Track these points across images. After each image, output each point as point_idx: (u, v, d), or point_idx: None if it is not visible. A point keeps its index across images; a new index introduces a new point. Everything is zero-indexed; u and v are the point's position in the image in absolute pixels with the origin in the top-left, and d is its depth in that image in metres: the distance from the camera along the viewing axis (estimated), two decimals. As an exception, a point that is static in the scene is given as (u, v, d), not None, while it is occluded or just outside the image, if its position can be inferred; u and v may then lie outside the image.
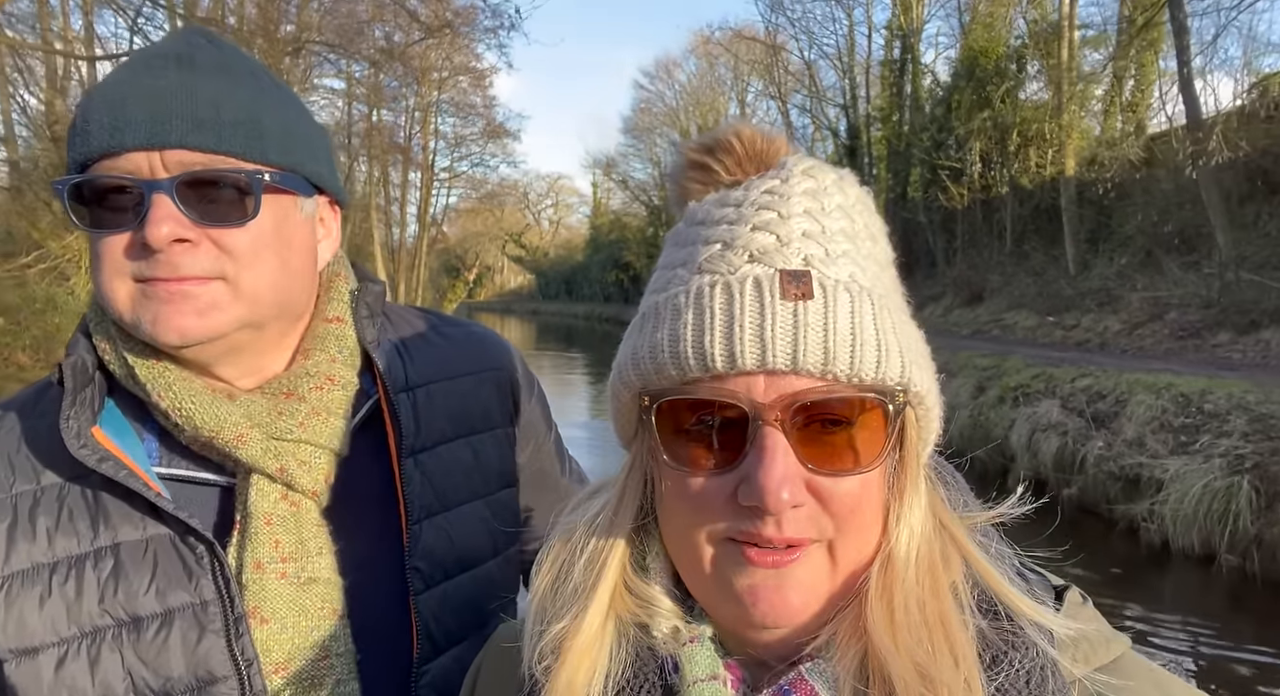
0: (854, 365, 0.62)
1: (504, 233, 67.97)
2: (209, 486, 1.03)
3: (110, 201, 0.94)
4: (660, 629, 0.70)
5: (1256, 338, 12.17)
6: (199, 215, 0.93)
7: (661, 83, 51.62)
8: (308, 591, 0.99)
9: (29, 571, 0.96)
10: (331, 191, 1.11)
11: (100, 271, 0.97)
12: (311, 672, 0.99)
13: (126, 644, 0.95)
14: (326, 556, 1.02)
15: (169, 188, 0.92)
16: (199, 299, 0.95)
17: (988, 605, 0.67)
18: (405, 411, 1.09)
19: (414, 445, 1.08)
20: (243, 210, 0.96)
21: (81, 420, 0.97)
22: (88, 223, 0.97)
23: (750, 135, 0.72)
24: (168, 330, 0.94)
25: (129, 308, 0.95)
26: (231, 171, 0.95)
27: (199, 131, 0.93)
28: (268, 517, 0.99)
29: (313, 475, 1.02)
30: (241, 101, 0.97)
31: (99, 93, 0.96)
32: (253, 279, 0.97)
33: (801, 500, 0.63)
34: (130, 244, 0.94)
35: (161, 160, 0.92)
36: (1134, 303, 15.50)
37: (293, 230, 1.03)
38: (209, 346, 0.99)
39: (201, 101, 0.94)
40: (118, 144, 0.92)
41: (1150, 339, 14.14)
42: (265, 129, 0.98)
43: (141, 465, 0.98)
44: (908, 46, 26.94)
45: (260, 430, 1.00)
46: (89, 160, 0.95)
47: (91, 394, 1.01)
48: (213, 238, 0.95)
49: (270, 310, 1.01)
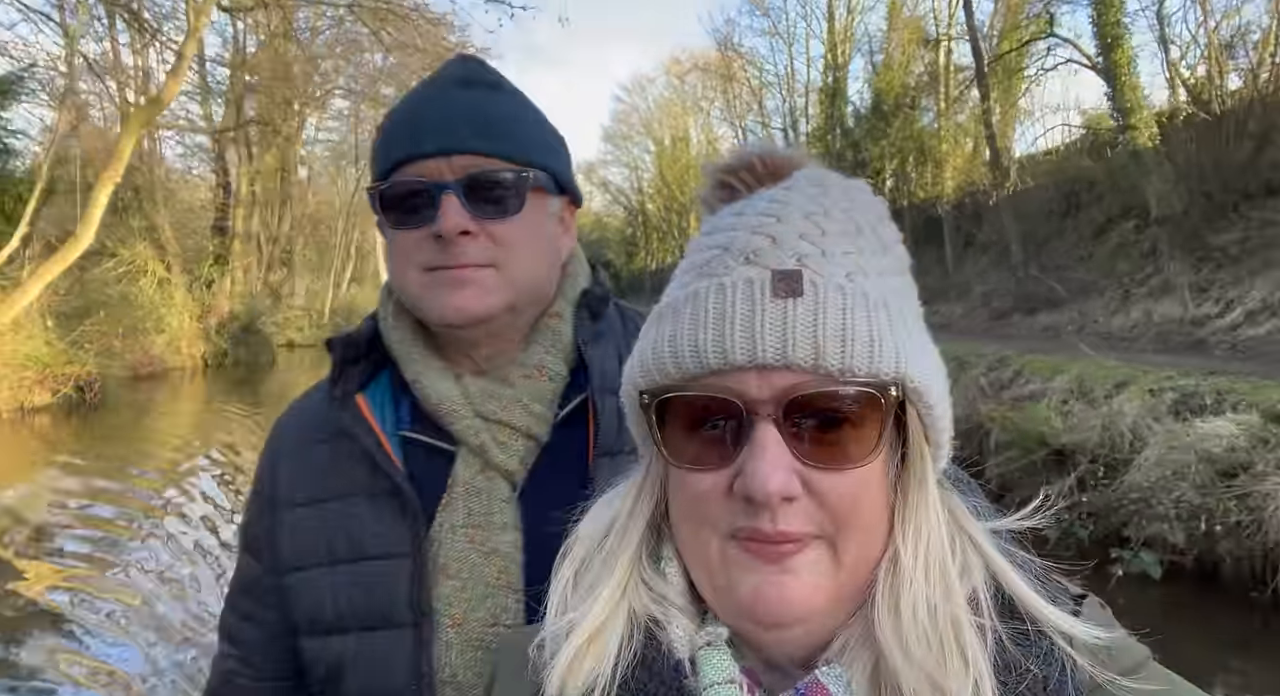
0: (845, 359, 0.62)
1: None
2: (444, 453, 1.13)
3: (407, 204, 1.08)
4: (675, 630, 0.70)
5: (1035, 319, 17.03)
6: (479, 210, 1.06)
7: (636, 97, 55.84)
8: (489, 560, 1.08)
9: (306, 504, 1.16)
10: (571, 192, 1.21)
11: (397, 262, 1.12)
12: (480, 635, 1.06)
13: (351, 573, 1.12)
14: (511, 533, 1.09)
15: (457, 188, 1.05)
16: (478, 283, 1.07)
17: (1009, 611, 0.66)
18: (609, 411, 1.10)
19: (612, 446, 1.09)
20: (513, 206, 1.08)
21: (349, 387, 1.15)
22: (391, 224, 1.10)
23: (771, 154, 0.75)
24: (452, 310, 1.07)
25: (419, 292, 1.09)
26: (504, 172, 1.08)
27: (479, 139, 1.07)
28: (466, 486, 1.10)
29: (507, 454, 1.10)
30: (509, 113, 1.13)
31: (398, 112, 1.14)
32: (518, 266, 1.10)
33: (795, 493, 0.63)
34: (422, 238, 1.07)
35: (450, 165, 1.06)
36: (976, 293, 20.40)
37: (545, 225, 1.15)
38: (478, 328, 1.11)
39: (481, 113, 1.09)
40: (414, 152, 1.07)
41: (977, 320, 19.00)
42: (528, 136, 1.13)
43: (389, 428, 1.14)
44: (837, 78, 31.76)
45: (470, 408, 1.11)
46: (390, 168, 1.09)
47: (363, 366, 1.17)
48: (489, 230, 1.07)
49: (528, 296, 1.14)
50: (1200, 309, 12.87)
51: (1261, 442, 6.65)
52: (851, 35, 31.76)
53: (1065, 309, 16.46)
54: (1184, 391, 8.12)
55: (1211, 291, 13.09)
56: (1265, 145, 14.10)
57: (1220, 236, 13.75)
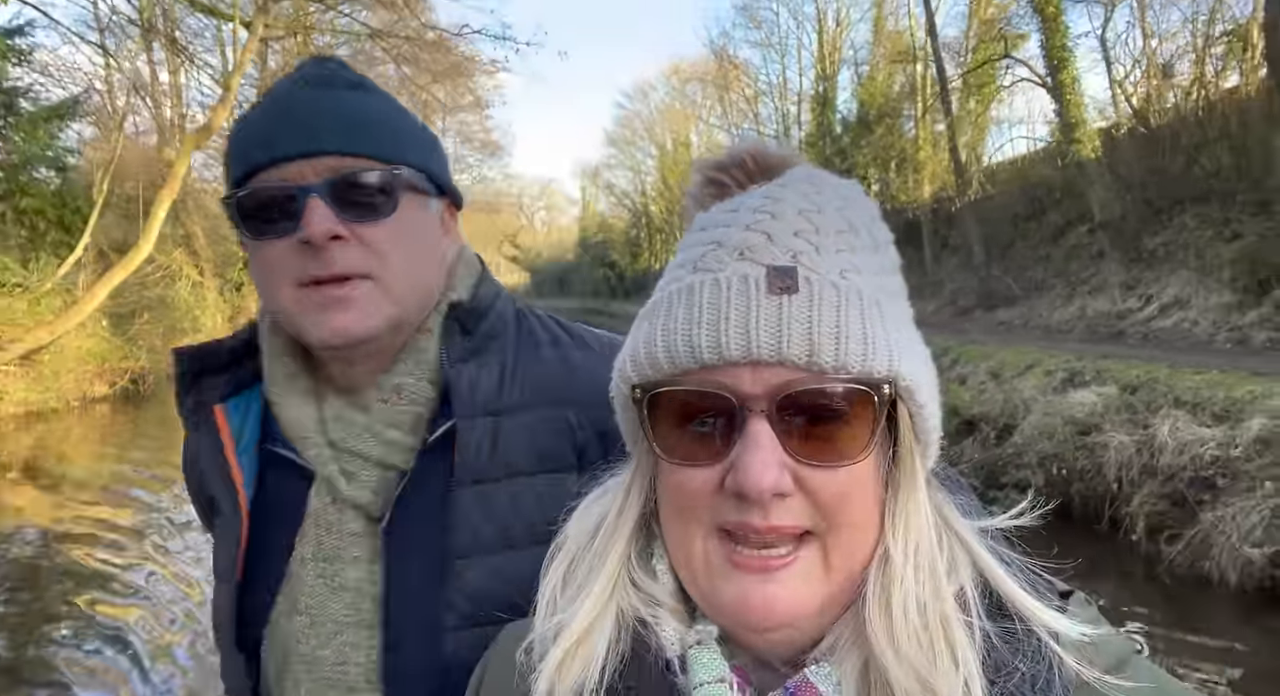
0: (839, 356, 0.63)
1: (500, 233, 72.82)
2: (310, 474, 1.07)
3: (268, 212, 1.00)
4: (665, 630, 0.70)
5: (993, 315, 18.73)
6: (348, 213, 0.99)
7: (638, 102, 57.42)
8: (337, 596, 1.03)
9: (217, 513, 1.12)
10: (451, 193, 1.14)
11: (265, 278, 1.03)
12: (329, 674, 1.02)
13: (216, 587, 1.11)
14: (362, 567, 1.03)
15: (321, 190, 0.97)
16: (356, 301, 1.00)
17: (997, 609, 0.66)
18: (478, 436, 1.03)
19: (483, 474, 1.03)
20: (385, 207, 1.01)
21: (204, 397, 1.11)
22: (251, 234, 1.02)
23: (762, 152, 0.75)
24: (331, 332, 1.00)
25: (295, 310, 1.01)
26: (373, 171, 1.00)
27: (343, 137, 1.00)
28: (317, 517, 1.05)
29: (356, 486, 1.03)
30: (375, 111, 1.05)
31: (252, 116, 1.05)
32: (397, 275, 1.03)
33: (788, 489, 0.63)
34: (288, 248, 0.99)
35: (312, 167, 0.99)
36: (947, 291, 22.12)
37: (424, 227, 1.08)
38: (360, 348, 1.04)
39: (344, 113, 1.01)
40: (271, 156, 0.99)
41: (944, 315, 20.70)
42: (398, 134, 1.06)
43: (248, 441, 1.10)
44: (826, 87, 33.51)
45: (323, 435, 1.05)
46: (247, 175, 1.01)
47: (230, 376, 1.12)
48: (360, 235, 1.00)
49: (414, 309, 1.07)
50: (1125, 304, 14.58)
51: (1112, 408, 8.40)
52: (839, 47, 33.53)
53: (1019, 305, 18.18)
54: (1072, 371, 9.86)
55: (1137, 289, 14.78)
56: (1197, 157, 15.73)
57: (1153, 239, 15.39)
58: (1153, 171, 16.25)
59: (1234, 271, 12.44)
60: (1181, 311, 13.07)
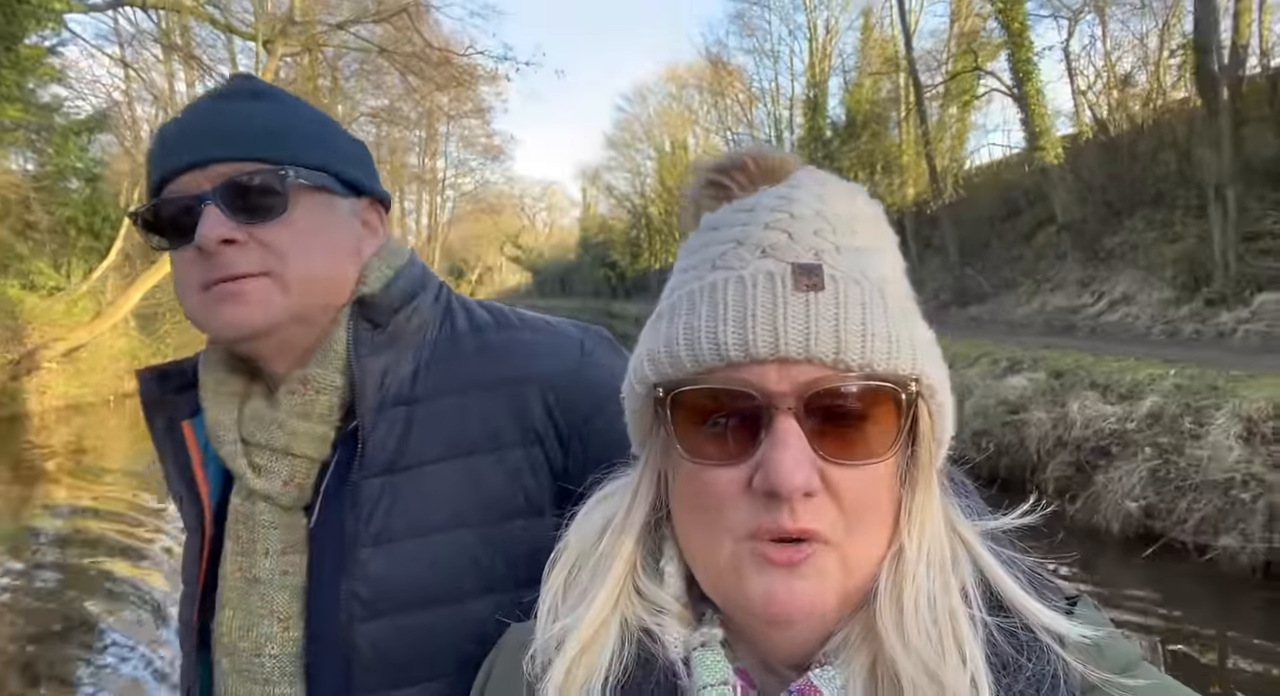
0: (865, 354, 0.63)
1: (502, 234, 73.85)
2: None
3: (175, 224, 1.04)
4: (669, 632, 0.70)
5: (966, 311, 19.95)
6: (241, 216, 1.02)
7: (637, 106, 58.49)
8: (252, 589, 1.06)
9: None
10: (372, 194, 1.17)
11: (179, 287, 1.07)
12: (248, 667, 1.05)
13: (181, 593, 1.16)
14: (273, 560, 1.06)
15: (212, 196, 1.01)
16: (250, 295, 1.02)
17: (999, 609, 0.66)
18: (385, 426, 1.07)
19: (391, 463, 1.06)
20: (277, 206, 1.03)
21: (173, 414, 1.15)
22: (159, 246, 1.07)
23: (763, 156, 0.75)
24: (223, 325, 1.03)
25: (198, 310, 1.05)
26: (261, 174, 1.03)
27: (228, 144, 1.03)
28: (235, 512, 1.08)
29: (265, 478, 1.06)
30: (268, 115, 1.07)
31: (157, 134, 1.10)
32: (296, 271, 1.04)
33: (815, 488, 0.63)
34: (193, 256, 1.02)
35: (206, 175, 1.02)
36: (928, 288, 23.36)
37: (332, 227, 1.09)
38: (264, 342, 1.06)
39: (230, 120, 1.05)
40: (171, 168, 1.03)
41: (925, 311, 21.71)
42: (291, 135, 1.07)
43: (213, 454, 1.11)
44: (817, 93, 34.75)
45: (235, 432, 1.08)
46: (158, 188, 1.05)
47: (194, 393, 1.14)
48: (256, 236, 1.03)
49: (317, 302, 1.08)
50: (1080, 300, 15.80)
51: (1039, 391, 9.62)
52: (829, 54, 34.78)
53: (989, 301, 19.41)
54: (1014, 360, 11.08)
55: (1092, 285, 15.99)
56: (1153, 163, 16.91)
57: (1112, 239, 16.58)
58: (1112, 176, 17.42)
59: (1175, 270, 13.65)
60: (1127, 307, 14.28)
